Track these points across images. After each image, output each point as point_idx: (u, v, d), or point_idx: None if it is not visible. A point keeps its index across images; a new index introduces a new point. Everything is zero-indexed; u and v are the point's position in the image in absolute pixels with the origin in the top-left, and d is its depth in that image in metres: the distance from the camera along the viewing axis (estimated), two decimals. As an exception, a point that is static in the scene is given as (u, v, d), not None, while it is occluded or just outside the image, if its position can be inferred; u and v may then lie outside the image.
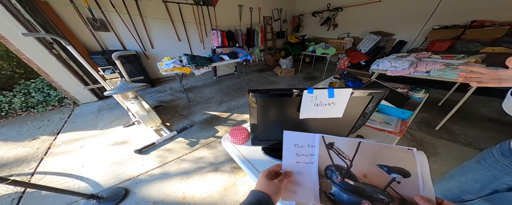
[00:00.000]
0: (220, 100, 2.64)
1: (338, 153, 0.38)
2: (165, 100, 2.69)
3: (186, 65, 2.29)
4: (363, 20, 3.75)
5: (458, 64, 1.41)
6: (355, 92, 0.49)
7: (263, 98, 0.52)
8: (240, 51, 2.90)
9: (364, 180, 0.34)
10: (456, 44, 2.48)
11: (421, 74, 1.53)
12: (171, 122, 2.08)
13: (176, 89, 3.11)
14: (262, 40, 4.56)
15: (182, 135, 1.81)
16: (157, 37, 3.24)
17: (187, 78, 3.74)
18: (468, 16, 2.51)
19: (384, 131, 0.81)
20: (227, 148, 0.77)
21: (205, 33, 3.82)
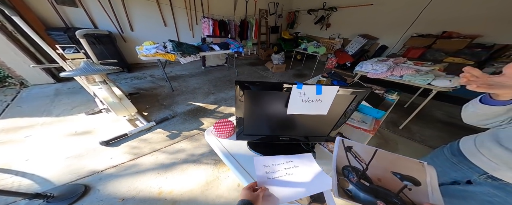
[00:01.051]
0: (207, 91, 2.53)
1: (355, 156, 0.42)
2: (143, 87, 2.47)
3: (171, 51, 2.10)
4: (354, 22, 3.88)
5: (425, 71, 1.59)
6: (341, 90, 0.50)
7: (252, 90, 0.50)
8: (232, 43, 2.77)
9: (378, 183, 0.37)
10: (427, 52, 2.77)
11: (395, 78, 1.69)
12: (150, 111, 1.92)
13: (158, 76, 2.87)
14: (256, 33, 4.42)
15: (162, 126, 1.69)
16: (139, 19, 2.93)
17: (171, 66, 3.46)
18: (442, 27, 2.78)
19: (361, 129, 0.87)
20: (210, 141, 0.74)
21: (195, 20, 3.55)
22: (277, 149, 0.69)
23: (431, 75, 1.52)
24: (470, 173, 0.52)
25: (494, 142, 0.47)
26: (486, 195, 0.47)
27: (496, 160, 0.46)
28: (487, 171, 0.48)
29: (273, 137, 0.68)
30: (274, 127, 0.65)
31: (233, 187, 1.16)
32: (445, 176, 0.58)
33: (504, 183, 0.45)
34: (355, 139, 0.79)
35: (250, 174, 0.58)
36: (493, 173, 0.47)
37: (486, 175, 0.48)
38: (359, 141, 0.78)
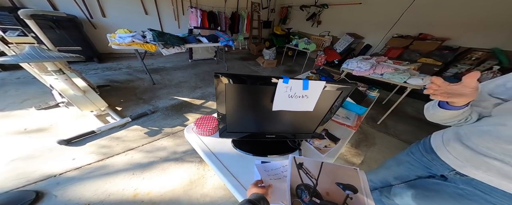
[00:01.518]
0: (193, 85, 2.38)
1: (306, 172, 0.43)
2: (118, 79, 2.22)
3: (151, 41, 1.90)
4: (343, 21, 3.96)
5: (403, 70, 1.70)
6: (327, 85, 0.48)
7: (235, 84, 0.45)
8: (221, 35, 2.62)
9: (327, 198, 0.38)
10: (404, 52, 2.98)
11: (377, 76, 1.78)
12: (125, 106, 1.73)
13: (136, 68, 2.61)
14: (247, 27, 4.27)
15: (139, 122, 1.54)
16: (113, 5, 2.64)
17: (153, 57, 3.18)
18: (419, 29, 2.99)
19: (344, 125, 0.89)
20: (190, 139, 0.68)
21: (182, 10, 3.30)
22: (264, 147, 0.67)
23: (407, 74, 1.63)
24: (442, 169, 0.55)
25: (457, 141, 0.51)
26: (456, 188, 0.52)
27: (461, 158, 0.50)
28: (454, 168, 0.52)
29: (259, 135, 0.65)
30: (259, 124, 0.62)
31: (220, 185, 1.12)
32: (422, 170, 0.62)
33: (470, 179, 0.49)
34: (339, 135, 0.81)
35: (234, 175, 0.55)
36: (459, 170, 0.50)
37: (455, 172, 0.52)
38: (343, 137, 0.80)
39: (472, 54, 2.47)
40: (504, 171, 0.42)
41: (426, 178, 0.61)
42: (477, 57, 2.44)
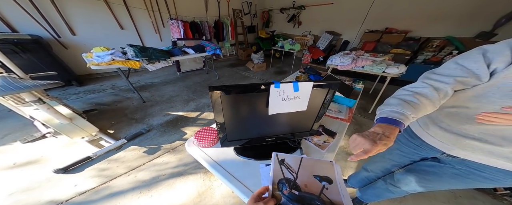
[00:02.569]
0: (186, 98, 2.35)
1: (287, 167, 0.45)
2: (104, 102, 2.14)
3: (134, 58, 1.85)
4: (320, 20, 4.22)
5: (379, 61, 1.85)
6: (316, 85, 0.52)
7: (230, 95, 0.47)
8: (207, 45, 2.64)
9: (305, 189, 0.41)
10: (378, 45, 3.25)
11: (359, 69, 1.91)
12: (117, 128, 1.68)
13: (122, 87, 2.52)
14: (232, 34, 4.33)
15: (136, 142, 1.50)
16: (82, 21, 2.47)
17: (138, 74, 3.10)
18: (384, 24, 3.32)
19: (338, 118, 0.94)
20: (192, 153, 0.68)
21: (161, 22, 3.25)
22: (265, 150, 0.69)
23: (384, 64, 1.78)
24: (433, 152, 0.57)
25: (434, 125, 0.53)
26: (453, 169, 0.53)
27: (446, 141, 0.51)
28: (444, 151, 0.53)
29: (259, 139, 0.67)
30: (258, 129, 0.64)
31: (228, 194, 1.11)
32: (413, 155, 0.64)
33: (462, 159, 0.50)
34: (335, 129, 0.85)
35: (241, 181, 0.56)
36: (449, 152, 0.52)
37: (446, 154, 0.53)
38: (338, 130, 0.84)
39: (432, 42, 2.78)
40: (487, 150, 0.43)
41: (420, 161, 0.64)
42: (437, 45, 2.75)
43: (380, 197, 0.89)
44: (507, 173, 0.44)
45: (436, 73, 0.45)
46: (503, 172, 0.45)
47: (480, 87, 0.41)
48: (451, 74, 0.42)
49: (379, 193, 0.86)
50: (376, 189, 0.87)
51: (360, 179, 1.00)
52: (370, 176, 0.93)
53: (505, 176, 0.45)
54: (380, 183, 0.83)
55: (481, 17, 2.45)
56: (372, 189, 0.90)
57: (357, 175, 1.03)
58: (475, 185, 0.52)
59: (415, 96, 0.42)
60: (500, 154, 0.42)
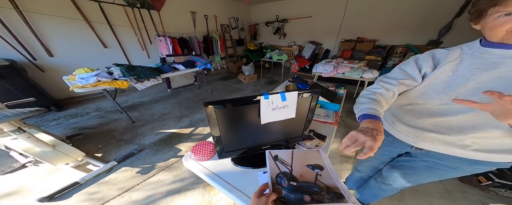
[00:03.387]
0: (179, 115, 2.32)
1: (282, 162, 0.49)
2: (88, 125, 2.03)
3: (121, 78, 1.81)
4: (303, 31, 4.63)
5: (356, 67, 2.06)
6: (301, 93, 0.59)
7: (223, 108, 0.52)
8: (198, 60, 2.70)
9: (302, 179, 0.44)
10: (354, 53, 3.64)
11: (340, 75, 2.10)
12: (105, 151, 1.59)
13: (107, 109, 2.42)
14: (222, 47, 4.47)
15: (127, 163, 1.43)
16: (60, 41, 2.32)
17: (125, 93, 3.01)
18: (357, 33, 3.78)
19: (327, 123, 1.02)
20: (190, 167, 0.69)
21: (148, 39, 3.25)
22: (262, 158, 0.71)
23: (360, 70, 1.99)
24: (404, 147, 0.64)
25: (399, 122, 0.61)
26: (423, 162, 0.59)
27: (410, 135, 0.57)
28: (412, 144, 0.59)
29: (255, 148, 0.70)
30: (253, 138, 0.68)
31: (229, 207, 1.08)
32: (390, 153, 0.71)
33: (427, 151, 0.56)
34: (325, 132, 0.90)
35: (241, 191, 0.58)
36: (415, 145, 0.58)
37: (414, 147, 0.60)
38: (328, 133, 0.90)
39: (396, 49, 3.27)
40: (441, 139, 0.50)
41: (398, 157, 0.70)
42: (400, 51, 3.24)
43: (377, 196, 0.92)
44: (464, 160, 0.51)
45: (387, 77, 0.57)
46: (460, 160, 0.51)
47: (420, 86, 0.51)
48: (396, 77, 0.54)
49: (374, 192, 0.89)
50: (371, 189, 0.90)
51: (355, 180, 1.04)
52: (362, 176, 0.97)
53: (463, 163, 0.51)
54: (372, 182, 0.88)
55: (428, 28, 2.99)
56: (368, 189, 0.93)
57: (352, 177, 1.07)
58: (446, 176, 0.58)
59: (376, 95, 0.52)
60: (451, 143, 0.49)
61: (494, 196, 1.16)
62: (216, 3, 4.22)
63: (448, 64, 0.46)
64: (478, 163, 0.50)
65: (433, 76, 0.48)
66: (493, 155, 0.46)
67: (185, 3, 3.60)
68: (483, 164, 0.50)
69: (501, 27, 0.37)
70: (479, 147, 0.46)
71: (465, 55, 0.44)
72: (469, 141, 0.46)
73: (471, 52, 0.44)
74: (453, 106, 0.45)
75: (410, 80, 0.51)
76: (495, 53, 0.40)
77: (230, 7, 4.62)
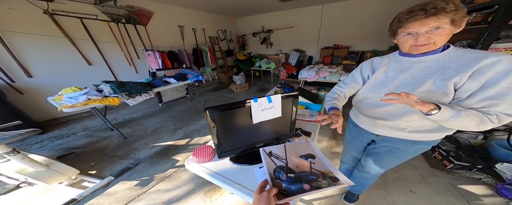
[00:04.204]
0: (173, 128, 2.32)
1: (277, 157, 0.52)
2: (77, 145, 1.96)
3: (112, 95, 1.80)
4: (287, 40, 4.99)
5: (334, 71, 2.31)
6: (283, 96, 0.72)
7: (220, 112, 0.63)
8: (189, 72, 2.76)
9: (298, 170, 0.47)
10: (333, 58, 4.03)
11: (322, 79, 2.32)
12: (99, 168, 1.56)
13: (96, 128, 2.35)
14: (212, 59, 4.56)
15: (125, 177, 1.42)
16: (40, 61, 2.21)
17: (114, 111, 2.93)
18: (333, 41, 4.23)
19: (311, 121, 1.15)
20: (193, 169, 0.76)
21: (135, 54, 3.23)
22: (257, 155, 0.81)
23: (338, 74, 2.23)
24: (368, 135, 0.78)
25: (360, 114, 0.76)
26: (382, 147, 0.73)
27: (369, 124, 0.72)
28: (372, 131, 0.72)
29: (251, 147, 0.80)
30: (248, 138, 0.78)
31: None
32: (361, 142, 0.84)
33: (383, 136, 0.69)
34: (310, 129, 1.02)
35: (241, 184, 0.66)
36: (374, 132, 0.71)
37: (374, 135, 0.73)
38: (313, 130, 1.02)
39: (366, 54, 3.75)
40: (388, 125, 0.64)
41: (368, 146, 0.84)
42: (369, 56, 3.70)
43: (364, 186, 1.02)
44: (407, 141, 0.64)
45: (342, 82, 0.79)
46: (405, 142, 0.65)
47: (368, 84, 0.68)
48: (346, 82, 0.78)
49: (360, 181, 0.99)
50: (356, 179, 1.00)
51: (342, 173, 1.14)
52: (348, 168, 1.08)
53: (407, 144, 0.65)
54: (356, 172, 0.99)
55: (385, 36, 3.53)
56: (354, 180, 1.02)
57: (340, 170, 1.16)
58: (402, 157, 0.71)
59: (335, 94, 0.78)
60: (394, 127, 0.64)
61: (459, 178, 1.29)
62: (203, 17, 4.41)
63: (382, 68, 0.64)
64: (417, 143, 0.63)
65: (374, 77, 0.66)
66: (422, 135, 0.60)
67: (172, 17, 3.66)
68: (420, 143, 0.63)
69: (406, 43, 0.54)
70: (412, 129, 0.60)
71: (392, 61, 0.63)
72: (404, 124, 0.60)
73: (395, 59, 0.63)
74: None
75: (355, 83, 0.75)
76: (406, 60, 0.58)
77: (218, 20, 4.86)
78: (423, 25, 0.46)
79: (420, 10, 0.46)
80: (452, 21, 0.44)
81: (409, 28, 0.50)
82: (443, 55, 0.51)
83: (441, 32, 0.46)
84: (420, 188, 1.23)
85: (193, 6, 3.83)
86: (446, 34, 0.47)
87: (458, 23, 0.45)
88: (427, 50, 0.51)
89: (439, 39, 0.47)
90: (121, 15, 2.82)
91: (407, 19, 0.49)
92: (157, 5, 3.28)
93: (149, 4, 3.16)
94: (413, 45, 0.52)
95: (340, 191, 1.22)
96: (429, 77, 0.51)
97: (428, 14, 0.44)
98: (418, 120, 0.57)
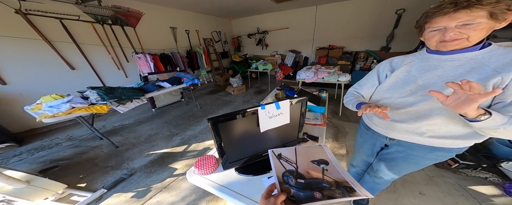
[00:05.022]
0: (168, 134, 2.21)
1: (286, 160, 0.48)
2: (62, 157, 1.80)
3: (99, 102, 1.66)
4: (283, 41, 5.00)
5: (332, 72, 2.32)
6: (292, 101, 0.68)
7: (224, 122, 0.57)
8: (184, 76, 2.65)
9: (309, 176, 0.43)
10: (328, 59, 4.08)
11: (321, 80, 2.32)
12: (89, 180, 1.44)
13: (83, 137, 2.18)
14: (207, 61, 4.45)
15: (119, 189, 1.32)
16: (14, 67, 2.00)
17: (102, 118, 2.74)
18: (328, 42, 4.29)
19: (316, 125, 1.11)
20: (196, 182, 0.69)
21: (124, 57, 3.05)
22: (264, 164, 0.76)
23: (336, 74, 2.24)
24: (382, 138, 0.72)
25: (375, 116, 0.72)
26: (397, 152, 0.67)
27: (384, 126, 0.67)
28: (386, 135, 0.68)
29: (257, 156, 0.75)
30: (254, 146, 0.73)
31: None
32: (375, 146, 0.79)
33: (397, 141, 0.65)
34: (317, 134, 0.98)
35: (250, 198, 0.61)
36: (388, 135, 0.67)
37: (388, 138, 0.68)
38: (319, 134, 0.98)
39: (360, 54, 3.84)
40: (406, 129, 0.58)
41: (381, 150, 0.79)
42: (363, 56, 3.81)
43: (374, 190, 0.97)
44: (425, 147, 0.60)
45: (357, 83, 0.77)
46: (422, 148, 0.60)
47: (386, 84, 0.64)
48: (361, 83, 0.75)
49: (371, 186, 0.95)
50: (367, 183, 0.96)
51: (352, 176, 1.11)
52: (358, 171, 1.05)
53: (425, 151, 0.60)
54: (367, 177, 0.95)
55: (378, 37, 3.68)
56: (364, 184, 0.99)
57: (349, 173, 1.13)
58: (419, 164, 0.67)
59: (354, 95, 0.75)
60: (412, 131, 0.59)
61: (465, 178, 1.26)
62: (196, 19, 4.31)
63: (404, 66, 0.60)
64: (436, 149, 0.58)
65: (394, 75, 0.62)
66: (444, 141, 0.55)
67: (163, 19, 3.52)
68: (440, 150, 0.58)
69: (432, 39, 0.49)
70: (433, 134, 0.55)
71: (416, 59, 0.59)
72: (424, 128, 0.55)
73: (420, 57, 0.57)
74: (408, 99, 0.57)
75: (370, 85, 0.72)
76: (434, 58, 0.53)
77: (211, 21, 4.77)
78: (452, 19, 0.42)
79: (450, 3, 0.41)
80: (491, 14, 0.39)
81: (436, 23, 0.45)
82: (481, 53, 0.45)
83: (476, 27, 0.40)
84: (429, 190, 1.21)
85: (185, 7, 3.73)
86: (483, 29, 0.41)
87: (499, 17, 0.39)
88: (458, 46, 0.45)
89: (473, 34, 0.41)
90: (106, 15, 2.66)
91: (435, 13, 0.44)
92: (147, 6, 3.15)
93: (138, 4, 3.02)
94: (441, 41, 0.47)
95: (348, 195, 1.18)
96: (461, 77, 0.45)
97: (458, 7, 0.40)
98: (442, 124, 0.51)
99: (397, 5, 3.22)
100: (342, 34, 4.05)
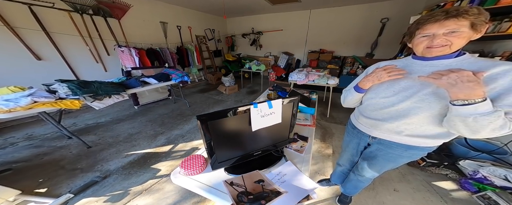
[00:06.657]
0: (152, 133, 2.05)
1: (237, 185, 0.62)
2: (18, 158, 1.57)
3: (70, 96, 1.48)
4: (276, 43, 5.06)
5: (322, 75, 2.41)
6: (284, 101, 0.68)
7: (215, 120, 0.54)
8: (172, 72, 2.49)
9: (255, 192, 0.59)
10: (319, 62, 4.25)
11: (311, 82, 2.39)
12: (51, 184, 1.26)
13: (46, 136, 1.92)
14: (198, 59, 4.30)
15: (89, 193, 1.18)
16: None
17: (72, 115, 2.45)
18: (319, 46, 4.47)
19: (306, 125, 1.13)
20: (181, 184, 0.64)
21: (104, 50, 2.80)
22: (254, 164, 0.75)
23: (326, 77, 2.34)
24: (365, 138, 0.78)
25: (361, 115, 0.76)
26: (377, 150, 0.71)
27: (367, 125, 0.71)
28: (368, 133, 0.72)
29: (247, 155, 0.73)
30: (245, 145, 0.71)
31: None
32: (358, 146, 0.84)
33: (379, 139, 0.69)
34: (306, 134, 0.99)
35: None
36: (370, 134, 0.71)
37: (371, 137, 0.72)
38: (309, 135, 0.99)
39: (347, 59, 4.08)
40: (386, 127, 0.63)
41: (364, 150, 0.84)
42: (350, 61, 4.05)
43: (357, 188, 1.02)
44: (402, 146, 0.65)
45: (350, 85, 0.79)
46: (399, 146, 0.66)
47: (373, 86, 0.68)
48: (352, 84, 0.77)
49: (354, 184, 0.99)
50: (351, 182, 0.99)
51: (338, 175, 1.14)
52: (343, 170, 1.08)
53: (402, 149, 0.66)
54: (351, 175, 0.99)
55: (363, 43, 3.97)
56: (349, 182, 1.03)
57: (335, 173, 1.17)
58: (396, 162, 0.72)
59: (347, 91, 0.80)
60: (392, 129, 0.64)
61: (431, 175, 1.38)
62: (189, 15, 4.15)
63: None
64: (411, 148, 0.63)
65: None
66: (418, 139, 0.60)
67: (153, 13, 3.39)
68: (414, 149, 0.63)
69: (420, 44, 0.53)
70: (409, 133, 0.60)
71: (402, 64, 0.64)
72: (402, 127, 0.60)
73: (406, 62, 0.63)
74: (391, 99, 0.62)
75: None
76: (417, 63, 0.59)
77: (205, 19, 4.64)
78: (442, 26, 0.47)
79: (441, 12, 0.46)
80: (472, 25, 0.45)
81: (427, 29, 0.50)
82: (455, 61, 0.51)
83: (459, 35, 0.46)
84: (402, 187, 1.31)
85: (179, 2, 3.58)
86: (464, 37, 0.46)
87: (478, 28, 0.45)
88: (441, 53, 0.51)
89: (456, 41, 0.47)
90: (87, 5, 2.44)
91: (427, 20, 0.49)
92: (136, -2, 2.94)
93: (126, -5, 2.81)
94: (427, 47, 0.52)
95: (334, 194, 1.22)
96: None
97: (448, 16, 0.45)
98: (417, 123, 0.57)
99: (382, 14, 3.51)
100: (332, 39, 4.26)
